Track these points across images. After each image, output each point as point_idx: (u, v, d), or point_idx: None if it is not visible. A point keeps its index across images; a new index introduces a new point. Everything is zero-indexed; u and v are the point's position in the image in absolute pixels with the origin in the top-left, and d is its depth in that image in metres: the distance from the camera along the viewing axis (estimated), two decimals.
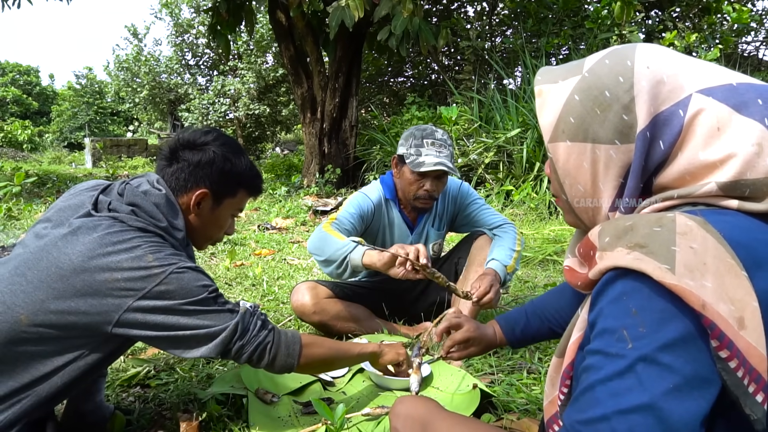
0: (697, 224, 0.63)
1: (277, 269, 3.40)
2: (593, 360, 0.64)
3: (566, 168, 0.78)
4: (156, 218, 1.26)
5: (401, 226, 2.26)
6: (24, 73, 30.58)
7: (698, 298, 0.59)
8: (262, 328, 1.26)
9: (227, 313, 1.22)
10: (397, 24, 5.75)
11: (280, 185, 7.31)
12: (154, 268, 1.15)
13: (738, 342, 0.59)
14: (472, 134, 6.21)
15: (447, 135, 2.13)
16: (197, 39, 17.43)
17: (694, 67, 0.72)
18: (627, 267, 0.63)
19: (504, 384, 1.75)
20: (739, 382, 0.59)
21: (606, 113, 0.73)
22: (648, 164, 0.71)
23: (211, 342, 1.19)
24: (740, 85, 0.69)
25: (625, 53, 0.75)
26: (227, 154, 1.35)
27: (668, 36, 6.04)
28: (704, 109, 0.68)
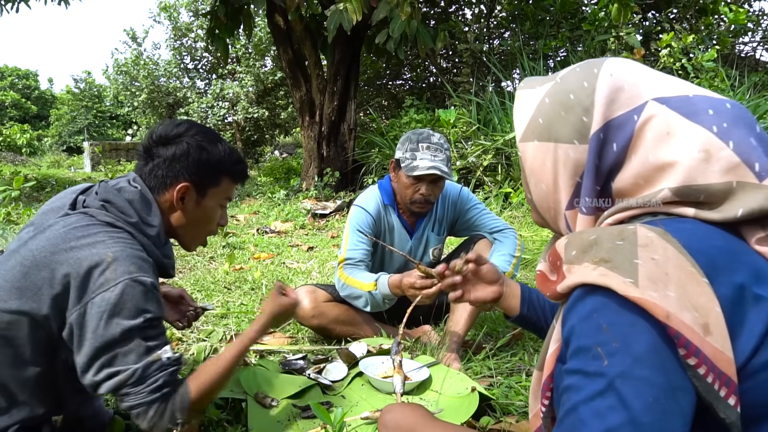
0: (657, 235, 0.65)
1: (276, 273, 3.40)
2: (573, 380, 0.65)
3: (532, 167, 0.83)
4: (126, 214, 1.22)
5: (401, 232, 2.26)
6: (23, 77, 30.60)
7: (662, 309, 0.60)
8: (155, 391, 1.14)
9: (143, 353, 1.13)
10: (395, 27, 5.76)
11: (279, 188, 7.31)
12: (108, 271, 1.11)
13: (705, 348, 0.60)
14: (471, 137, 6.22)
15: (444, 139, 2.13)
16: (196, 43, 17.45)
17: (655, 78, 0.76)
18: (594, 284, 0.65)
19: (503, 387, 1.76)
20: (710, 388, 0.60)
21: (569, 115, 0.77)
22: (602, 165, 0.74)
23: (113, 378, 1.12)
24: (696, 96, 0.72)
25: (594, 63, 0.79)
26: (202, 143, 1.30)
27: (665, 37, 6.06)
28: (656, 115, 0.71)
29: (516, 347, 2.13)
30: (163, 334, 1.19)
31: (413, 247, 2.28)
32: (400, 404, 1.03)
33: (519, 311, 1.26)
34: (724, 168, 0.68)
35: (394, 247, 2.26)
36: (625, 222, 0.72)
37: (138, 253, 1.18)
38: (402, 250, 2.27)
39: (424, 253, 2.33)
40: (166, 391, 1.16)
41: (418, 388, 1.75)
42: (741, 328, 0.62)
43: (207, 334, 2.23)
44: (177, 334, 2.22)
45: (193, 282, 3.15)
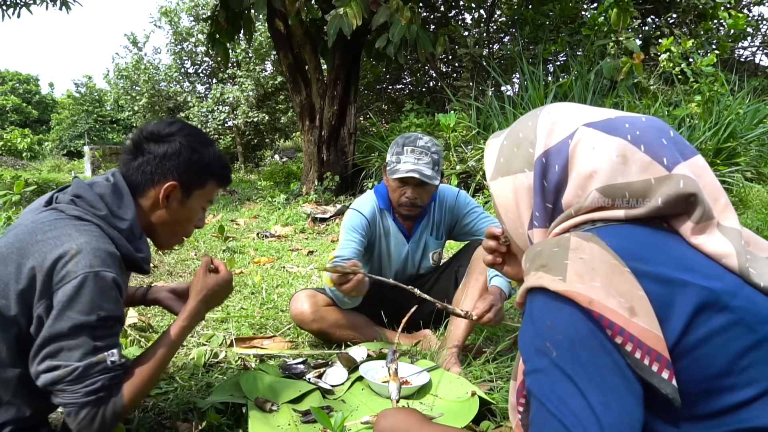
0: (586, 239, 0.75)
1: (276, 277, 3.40)
2: (531, 380, 0.72)
3: (499, 200, 0.95)
4: (96, 207, 1.21)
5: (397, 236, 2.26)
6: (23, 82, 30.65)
7: (585, 296, 0.69)
8: (91, 393, 1.11)
9: (89, 352, 1.11)
10: (395, 32, 5.77)
11: (279, 193, 7.32)
12: (70, 264, 1.10)
13: (630, 328, 0.68)
14: (470, 141, 6.22)
15: (433, 142, 2.11)
16: (196, 47, 17.49)
17: (586, 110, 0.89)
18: (533, 286, 0.75)
19: (503, 391, 1.75)
20: (640, 364, 0.68)
21: (519, 150, 0.91)
22: (549, 185, 0.86)
23: (52, 371, 1.10)
24: (617, 117, 0.85)
25: (539, 108, 0.94)
26: (194, 144, 1.31)
27: (665, 42, 6.08)
28: (584, 136, 0.84)
29: (516, 351, 2.13)
30: (114, 336, 1.17)
31: (410, 250, 2.28)
32: (396, 409, 1.04)
33: None
34: (640, 168, 0.79)
35: (392, 251, 2.26)
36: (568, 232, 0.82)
37: (104, 246, 1.16)
38: (399, 254, 2.28)
39: (422, 257, 2.33)
40: (102, 395, 1.13)
41: (417, 392, 1.75)
42: (671, 310, 0.69)
43: (207, 339, 2.23)
44: None
45: None
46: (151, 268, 1.37)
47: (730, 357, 0.69)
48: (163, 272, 3.47)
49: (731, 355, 0.69)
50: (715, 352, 0.69)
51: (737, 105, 5.76)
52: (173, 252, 4.09)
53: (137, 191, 1.30)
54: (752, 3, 9.79)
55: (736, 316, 0.69)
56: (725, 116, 5.49)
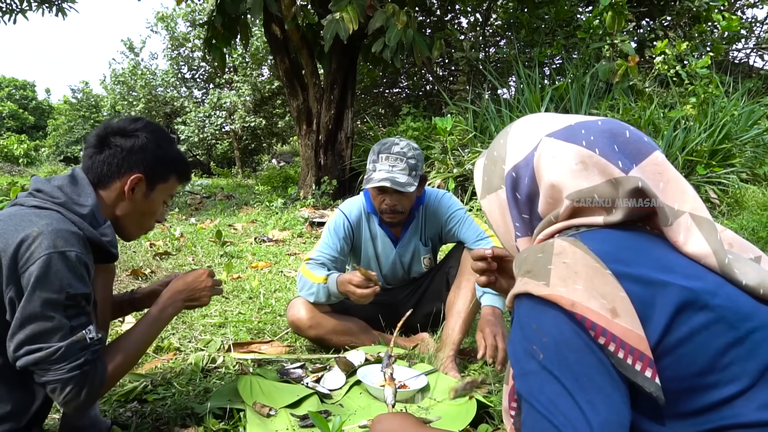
0: (569, 243, 0.77)
1: (274, 282, 3.40)
2: (520, 383, 0.74)
3: (491, 217, 0.99)
4: (54, 196, 1.25)
5: (384, 240, 2.26)
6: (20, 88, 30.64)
7: (567, 299, 0.71)
8: (75, 368, 1.16)
9: (66, 330, 1.15)
10: (391, 36, 5.79)
11: (276, 197, 7.32)
12: (33, 245, 1.12)
13: (612, 328, 0.69)
14: (467, 144, 6.24)
15: (410, 147, 2.07)
16: (193, 52, 17.52)
17: (550, 119, 0.92)
18: (518, 292, 0.77)
19: (501, 394, 1.75)
20: (624, 363, 0.69)
21: (495, 167, 0.95)
22: (522, 196, 0.90)
23: (34, 354, 1.13)
24: (576, 123, 0.88)
25: (511, 124, 0.98)
26: (159, 140, 1.38)
27: (659, 44, 6.11)
28: (546, 146, 0.87)
29: None
30: (86, 314, 1.20)
31: (398, 255, 2.27)
32: (391, 413, 1.05)
33: None
34: (600, 171, 0.82)
35: (380, 255, 2.26)
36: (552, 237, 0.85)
37: (65, 227, 1.19)
38: (387, 259, 2.28)
39: (413, 261, 2.32)
40: (86, 369, 1.18)
41: (415, 395, 1.75)
42: (652, 310, 0.71)
43: (205, 344, 2.23)
44: (175, 344, 2.22)
45: None
46: (119, 253, 1.41)
47: (712, 354, 0.70)
48: (160, 277, 3.47)
49: (713, 352, 0.70)
50: (697, 350, 0.70)
51: (732, 107, 5.79)
52: (171, 257, 4.09)
53: (101, 183, 1.34)
54: (746, 5, 9.85)
55: (717, 314, 0.71)
56: (720, 118, 5.51)
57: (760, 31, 10.04)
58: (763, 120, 6.13)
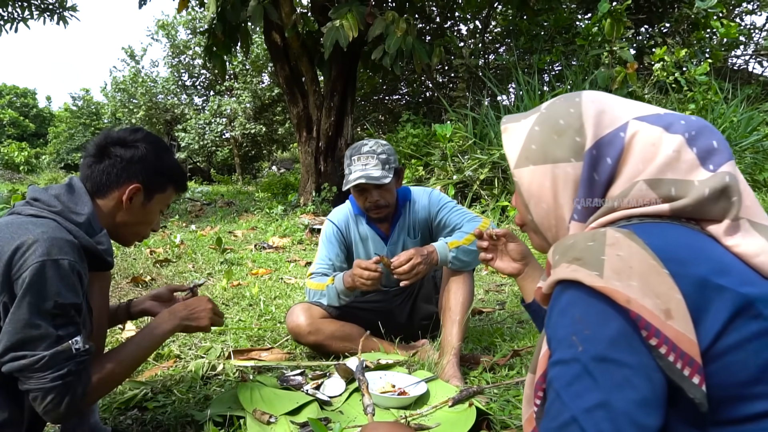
0: (623, 235, 0.73)
1: (274, 289, 3.40)
2: (554, 371, 0.72)
3: (530, 189, 0.90)
4: (50, 205, 1.26)
5: (375, 239, 2.30)
6: (21, 96, 30.73)
7: (623, 294, 0.68)
8: (57, 378, 1.15)
9: (53, 339, 1.14)
10: (390, 43, 5.82)
11: (276, 204, 7.33)
12: (27, 252, 1.13)
13: (666, 330, 0.67)
14: (467, 151, 6.25)
15: (378, 144, 2.16)
16: (193, 60, 17.59)
17: (628, 102, 0.88)
18: (566, 279, 0.73)
19: (500, 401, 1.75)
20: (672, 367, 0.67)
21: (562, 137, 0.86)
22: (600, 178, 0.83)
23: (19, 360, 1.13)
24: (666, 113, 0.84)
25: (574, 94, 0.91)
26: (158, 151, 1.39)
27: (658, 51, 6.13)
28: (640, 130, 0.82)
29: (514, 361, 2.13)
30: (75, 324, 1.19)
31: (390, 252, 2.30)
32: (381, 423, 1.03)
33: (531, 300, 1.30)
34: (687, 169, 0.79)
35: (371, 253, 2.32)
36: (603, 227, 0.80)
37: (61, 235, 1.19)
38: None
39: None
40: (69, 380, 1.17)
41: (415, 403, 1.74)
42: (705, 314, 0.68)
43: (205, 351, 2.23)
44: (175, 351, 2.22)
45: None
46: (114, 261, 1.41)
47: (760, 365, 0.68)
48: (161, 285, 3.47)
49: (761, 363, 0.68)
50: (747, 359, 0.68)
51: (731, 113, 5.81)
52: (171, 265, 4.09)
53: (99, 192, 1.35)
54: (744, 12, 9.89)
55: None
56: (719, 124, 5.53)
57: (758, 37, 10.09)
58: (762, 126, 6.14)
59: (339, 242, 2.28)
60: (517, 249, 1.34)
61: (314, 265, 2.28)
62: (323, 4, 6.73)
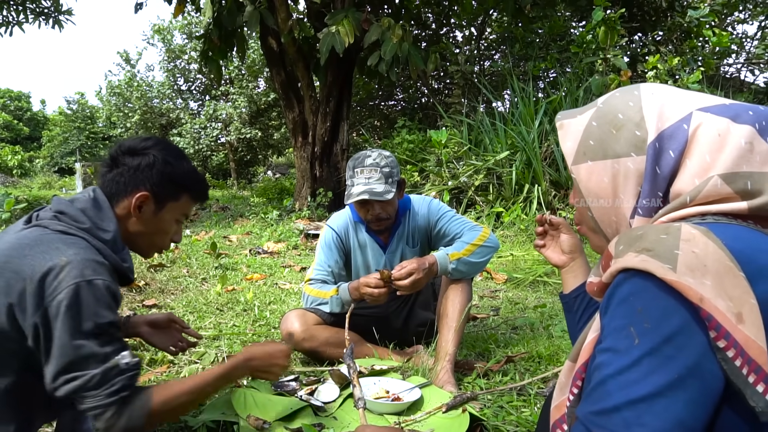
0: (700, 233, 0.70)
1: (268, 294, 3.39)
2: (604, 357, 0.70)
3: (588, 186, 0.88)
4: (79, 221, 1.25)
5: (373, 247, 2.30)
6: (15, 99, 30.63)
7: (696, 292, 0.65)
8: (113, 394, 1.16)
9: (99, 359, 1.15)
10: (386, 49, 5.85)
11: (271, 209, 7.32)
12: (61, 275, 1.12)
13: (736, 334, 0.64)
14: (462, 157, 6.28)
15: (382, 156, 2.14)
16: (189, 64, 17.58)
17: (690, 93, 0.84)
18: (634, 267, 0.70)
19: (494, 406, 1.76)
20: (738, 372, 0.64)
21: (621, 132, 0.84)
22: (662, 171, 0.80)
23: (72, 382, 1.13)
24: (732, 104, 0.81)
25: (632, 87, 0.88)
26: (167, 157, 1.36)
27: (651, 59, 6.18)
28: (704, 122, 0.79)
29: (507, 367, 2.14)
30: (118, 340, 1.20)
31: (387, 261, 2.30)
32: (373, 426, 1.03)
33: (570, 292, 1.30)
34: (763, 160, 0.76)
35: (370, 263, 2.31)
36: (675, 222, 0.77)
37: (93, 256, 1.19)
38: (378, 264, 2.32)
39: None
40: (125, 395, 1.17)
41: (409, 408, 1.75)
42: None
43: (199, 356, 2.23)
44: (168, 357, 2.21)
45: (185, 303, 3.14)
46: (135, 277, 1.40)
47: None
48: (155, 289, 3.46)
49: None
50: None
51: None
52: (165, 270, 4.08)
53: (111, 201, 1.35)
54: (736, 21, 10.00)
55: None
56: None
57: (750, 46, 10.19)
58: None
59: (338, 249, 2.27)
60: (569, 241, 1.33)
61: (312, 271, 2.27)
62: (319, 10, 6.75)
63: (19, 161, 20.44)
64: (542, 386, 1.94)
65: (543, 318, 2.89)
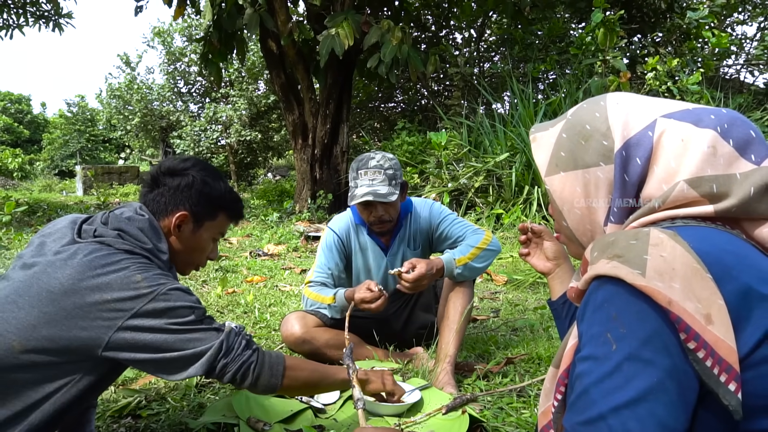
0: (668, 236, 0.72)
1: (268, 296, 3.40)
2: (585, 366, 0.71)
3: (563, 196, 0.91)
4: (141, 241, 1.29)
5: (375, 249, 2.30)
6: (15, 102, 30.63)
7: (665, 295, 0.67)
8: (246, 348, 1.27)
9: (213, 332, 1.24)
10: (386, 51, 5.86)
11: (272, 211, 7.32)
12: (142, 288, 1.18)
13: (705, 335, 0.66)
14: (462, 159, 6.28)
15: (386, 158, 2.14)
16: (189, 67, 17.59)
17: (655, 100, 0.86)
18: (605, 274, 0.72)
19: (494, 408, 1.76)
20: (709, 372, 0.66)
21: (589, 142, 0.87)
22: (630, 179, 0.83)
23: (197, 362, 1.20)
24: (695, 108, 0.83)
25: (598, 97, 0.90)
26: (206, 178, 1.40)
27: (651, 61, 6.19)
28: (668, 128, 0.81)
29: (507, 369, 2.14)
30: (214, 320, 1.29)
31: (389, 263, 2.30)
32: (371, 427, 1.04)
33: (557, 298, 1.31)
34: (726, 162, 0.77)
35: (371, 266, 2.32)
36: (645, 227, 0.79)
37: (160, 271, 1.26)
38: (378, 267, 2.32)
39: None
40: (255, 347, 1.30)
41: (409, 410, 1.75)
42: (746, 323, 0.67)
43: None
44: None
45: None
46: None
47: None
48: None
49: None
50: None
51: None
52: None
53: None
54: (735, 22, 10.01)
55: None
56: None
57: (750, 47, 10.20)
58: None
59: (339, 251, 2.27)
60: (553, 248, 1.35)
61: (313, 273, 2.27)
62: (319, 13, 6.77)
63: (19, 164, 20.43)
64: (542, 388, 1.94)
65: (543, 320, 2.89)
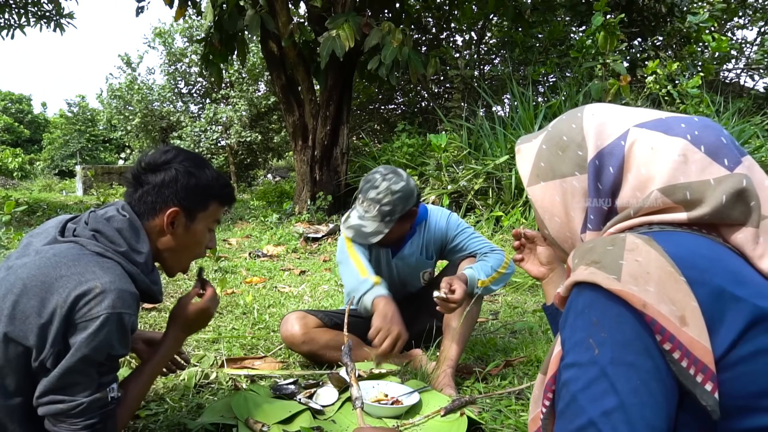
0: (643, 242, 0.74)
1: (268, 297, 3.40)
2: (570, 373, 0.72)
3: (543, 205, 0.94)
4: (116, 243, 1.25)
5: (384, 251, 2.30)
6: (16, 102, 30.63)
7: (639, 299, 0.69)
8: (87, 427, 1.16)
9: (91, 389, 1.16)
10: (386, 53, 5.86)
11: (271, 212, 7.32)
12: (93, 302, 1.13)
13: (680, 336, 0.67)
14: (462, 161, 6.28)
15: (390, 191, 2.04)
16: (190, 68, 17.60)
17: (630, 110, 0.89)
18: (584, 281, 0.74)
19: (492, 410, 1.76)
20: (685, 373, 0.67)
21: (566, 153, 0.90)
22: (604, 187, 0.86)
23: (57, 404, 1.14)
24: (667, 117, 0.86)
25: (576, 109, 0.94)
26: (189, 168, 1.34)
27: (651, 64, 6.20)
28: (639, 137, 0.84)
29: (506, 371, 2.14)
30: (116, 370, 1.22)
31: (397, 267, 2.30)
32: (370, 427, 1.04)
33: (552, 303, 1.31)
34: (699, 168, 0.79)
35: (382, 267, 2.30)
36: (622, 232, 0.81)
37: (126, 286, 1.20)
38: (389, 271, 2.32)
39: (411, 275, 2.34)
40: (99, 428, 1.18)
41: (407, 412, 1.75)
42: (720, 324, 0.69)
43: (198, 360, 2.23)
44: None
45: None
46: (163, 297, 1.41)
47: None
48: None
49: None
50: (759, 370, 0.68)
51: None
52: None
53: (142, 221, 1.33)
54: (735, 27, 10.03)
55: None
56: None
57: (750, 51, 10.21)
58: (753, 139, 6.21)
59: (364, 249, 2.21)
60: (546, 253, 1.36)
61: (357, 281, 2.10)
62: (320, 14, 6.78)
63: (19, 164, 20.43)
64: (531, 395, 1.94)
65: (542, 322, 2.89)
